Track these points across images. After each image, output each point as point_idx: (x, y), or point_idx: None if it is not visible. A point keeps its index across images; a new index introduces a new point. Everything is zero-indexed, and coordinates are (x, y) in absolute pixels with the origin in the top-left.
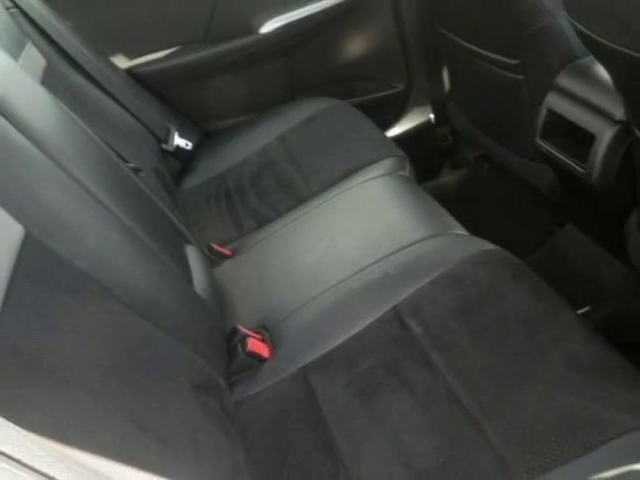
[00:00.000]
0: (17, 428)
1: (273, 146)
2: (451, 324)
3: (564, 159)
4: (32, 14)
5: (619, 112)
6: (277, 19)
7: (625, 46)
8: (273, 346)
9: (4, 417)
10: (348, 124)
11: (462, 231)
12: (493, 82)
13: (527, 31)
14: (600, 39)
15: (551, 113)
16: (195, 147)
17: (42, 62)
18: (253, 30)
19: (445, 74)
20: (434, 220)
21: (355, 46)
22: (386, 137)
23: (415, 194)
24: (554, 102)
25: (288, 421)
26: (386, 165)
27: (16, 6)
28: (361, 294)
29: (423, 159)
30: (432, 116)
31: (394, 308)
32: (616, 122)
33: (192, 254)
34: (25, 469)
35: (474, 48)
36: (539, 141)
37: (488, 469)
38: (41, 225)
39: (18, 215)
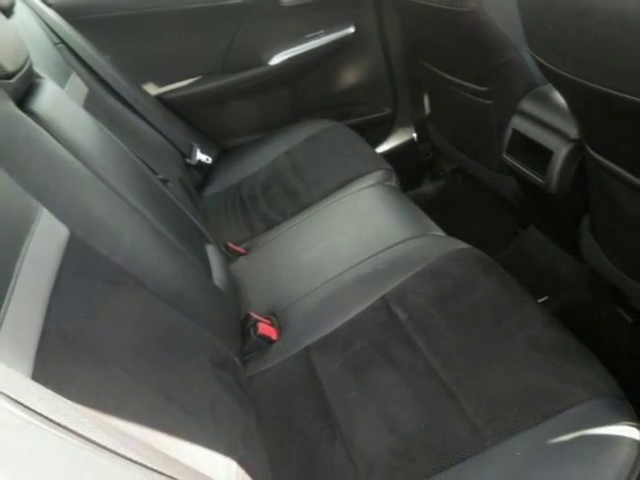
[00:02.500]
0: (63, 399)
1: (280, 160)
2: (431, 311)
3: (526, 171)
4: (76, 49)
5: (573, 132)
6: (283, 53)
7: (578, 76)
8: (280, 330)
9: (52, 390)
10: (343, 142)
11: (440, 232)
12: (466, 106)
13: (495, 63)
14: (557, 70)
15: (515, 133)
16: (214, 161)
17: (84, 89)
18: (263, 62)
19: (426, 100)
20: (417, 223)
21: (349, 76)
22: (376, 153)
23: (400, 201)
24: (518, 123)
25: (293, 393)
26: (376, 176)
27: (62, 42)
28: (355, 286)
29: (407, 171)
30: (415, 135)
31: (383, 298)
32: (571, 140)
33: (211, 252)
34: (71, 434)
35: (450, 77)
36: (505, 156)
37: (462, 434)
38: (84, 227)
39: (64, 218)
